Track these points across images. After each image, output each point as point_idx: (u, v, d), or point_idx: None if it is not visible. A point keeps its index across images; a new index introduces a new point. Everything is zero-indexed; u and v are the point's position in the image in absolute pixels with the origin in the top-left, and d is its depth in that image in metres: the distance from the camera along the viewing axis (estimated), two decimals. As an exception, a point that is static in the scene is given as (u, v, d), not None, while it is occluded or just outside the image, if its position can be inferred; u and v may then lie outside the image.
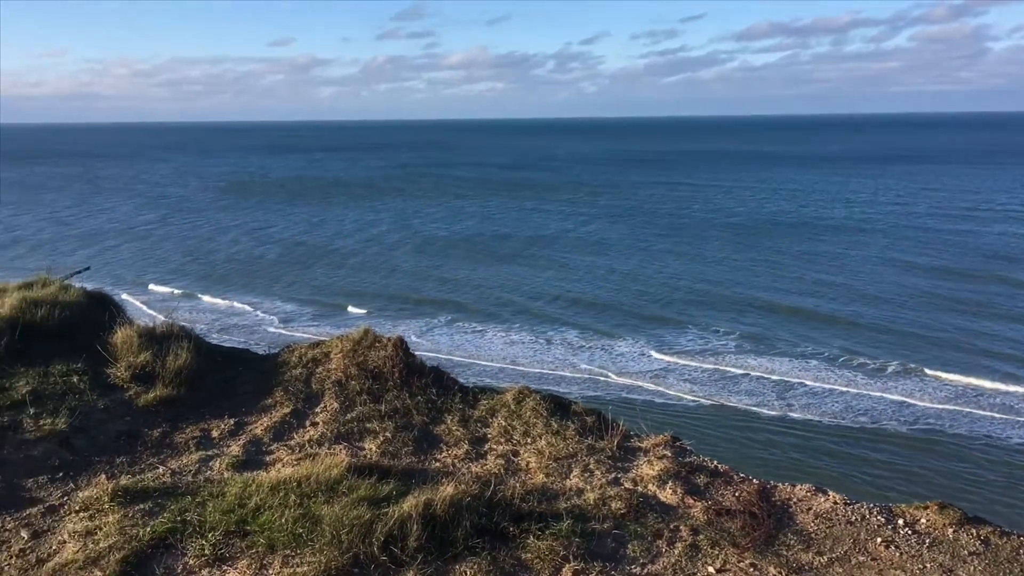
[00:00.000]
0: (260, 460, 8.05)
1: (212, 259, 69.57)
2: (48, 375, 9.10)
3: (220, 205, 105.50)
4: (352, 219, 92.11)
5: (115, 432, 8.52)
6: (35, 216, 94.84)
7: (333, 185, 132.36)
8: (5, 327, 9.54)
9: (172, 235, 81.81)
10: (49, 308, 9.98)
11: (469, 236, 79.53)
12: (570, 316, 50.19)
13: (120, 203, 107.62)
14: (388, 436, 8.35)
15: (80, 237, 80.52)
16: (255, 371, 9.91)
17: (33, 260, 64.85)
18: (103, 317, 10.35)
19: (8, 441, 8.13)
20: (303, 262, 67.46)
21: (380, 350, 9.38)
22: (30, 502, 7.33)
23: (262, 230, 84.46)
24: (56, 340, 9.74)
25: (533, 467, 7.69)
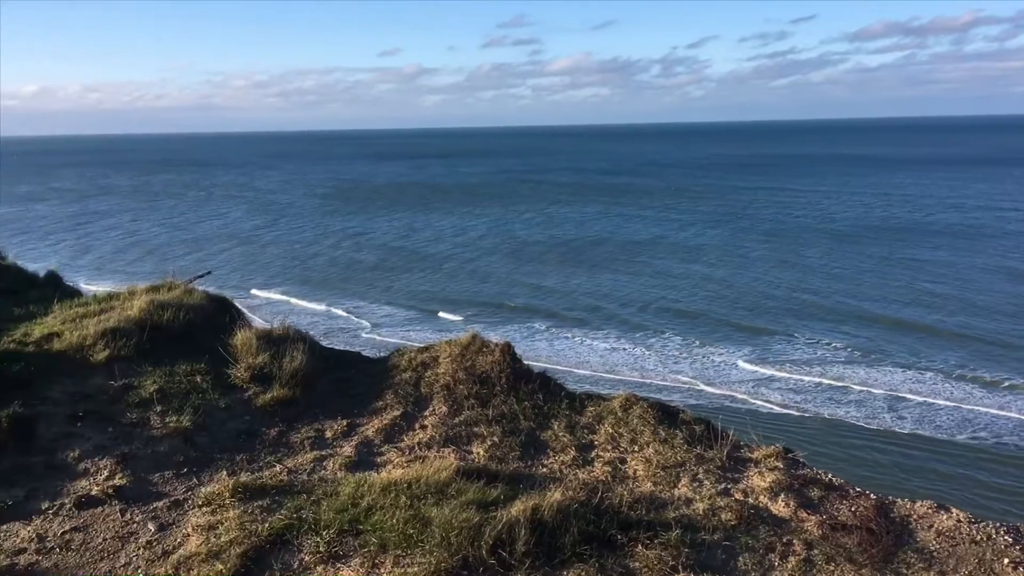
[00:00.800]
0: (371, 461, 8.24)
1: (312, 264, 71.36)
2: (173, 374, 9.53)
3: (324, 211, 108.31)
4: (449, 224, 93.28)
5: (235, 431, 8.87)
6: (152, 222, 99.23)
7: (433, 191, 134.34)
8: (134, 328, 10.05)
9: (275, 240, 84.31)
10: (175, 310, 10.47)
11: (564, 241, 79.45)
12: (665, 324, 49.58)
13: (230, 209, 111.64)
14: (495, 441, 8.44)
15: (190, 242, 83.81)
16: (366, 374, 10.16)
17: (147, 264, 67.91)
18: (224, 319, 10.79)
19: (137, 437, 8.56)
20: (399, 267, 68.59)
21: (488, 355, 9.49)
22: (156, 496, 7.69)
23: (361, 235, 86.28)
24: (181, 341, 10.20)
25: (641, 475, 7.65)
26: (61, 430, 8.63)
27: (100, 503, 7.53)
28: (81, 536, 7.04)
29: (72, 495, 7.63)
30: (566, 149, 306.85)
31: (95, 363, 9.64)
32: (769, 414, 35.16)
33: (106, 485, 7.72)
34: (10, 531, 7.15)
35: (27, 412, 8.63)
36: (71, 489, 7.76)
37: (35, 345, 9.93)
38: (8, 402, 8.70)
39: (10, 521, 7.29)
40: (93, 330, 9.96)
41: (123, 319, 10.20)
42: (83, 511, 7.42)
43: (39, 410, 8.80)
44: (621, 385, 36.13)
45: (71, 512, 7.39)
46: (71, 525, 7.19)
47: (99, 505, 7.51)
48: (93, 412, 8.92)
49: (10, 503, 7.51)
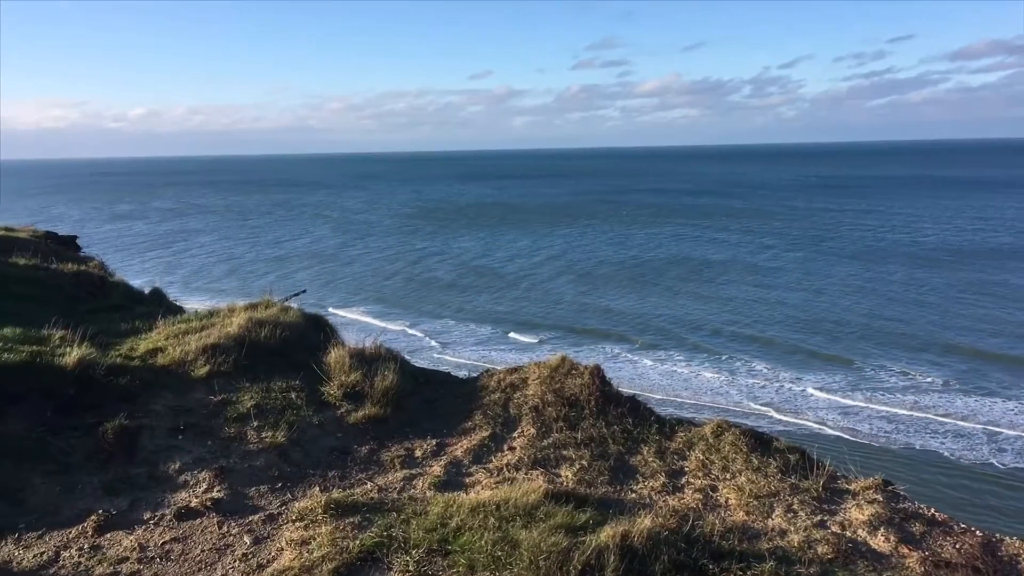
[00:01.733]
0: (460, 481, 8.28)
1: (388, 282, 72.22)
2: (270, 391, 9.78)
3: (405, 230, 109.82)
4: (525, 244, 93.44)
5: (328, 447, 9.04)
6: (240, 240, 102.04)
7: (513, 211, 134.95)
8: (233, 344, 10.36)
9: (355, 259, 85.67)
10: (271, 328, 10.76)
11: (639, 263, 78.72)
12: (740, 349, 48.55)
13: (315, 228, 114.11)
14: (584, 464, 8.40)
15: (273, 260, 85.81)
16: (455, 394, 10.24)
17: (232, 280, 69.77)
18: (318, 338, 11.04)
19: (234, 451, 8.80)
20: (473, 286, 68.88)
21: (577, 378, 9.47)
22: (252, 509, 7.88)
23: (439, 254, 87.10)
24: (277, 358, 10.47)
25: (733, 504, 7.51)
26: (163, 442, 8.93)
27: (199, 515, 7.75)
28: (180, 547, 7.26)
29: (173, 506, 7.88)
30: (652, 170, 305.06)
31: (196, 378, 9.97)
32: (858, 444, 34.09)
33: (205, 497, 7.95)
34: (114, 540, 7.41)
35: (132, 424, 8.97)
36: (172, 500, 8.01)
37: (140, 359, 10.32)
38: (115, 414, 9.06)
39: (114, 530, 7.56)
40: (195, 346, 10.31)
41: (223, 336, 10.53)
42: (183, 522, 7.65)
43: (143, 422, 9.12)
44: (695, 411, 35.57)
45: (171, 523, 7.63)
46: (171, 536, 7.42)
47: (198, 517, 7.73)
48: (193, 425, 9.21)
49: (114, 512, 7.80)
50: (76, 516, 7.78)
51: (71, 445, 8.84)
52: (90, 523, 7.58)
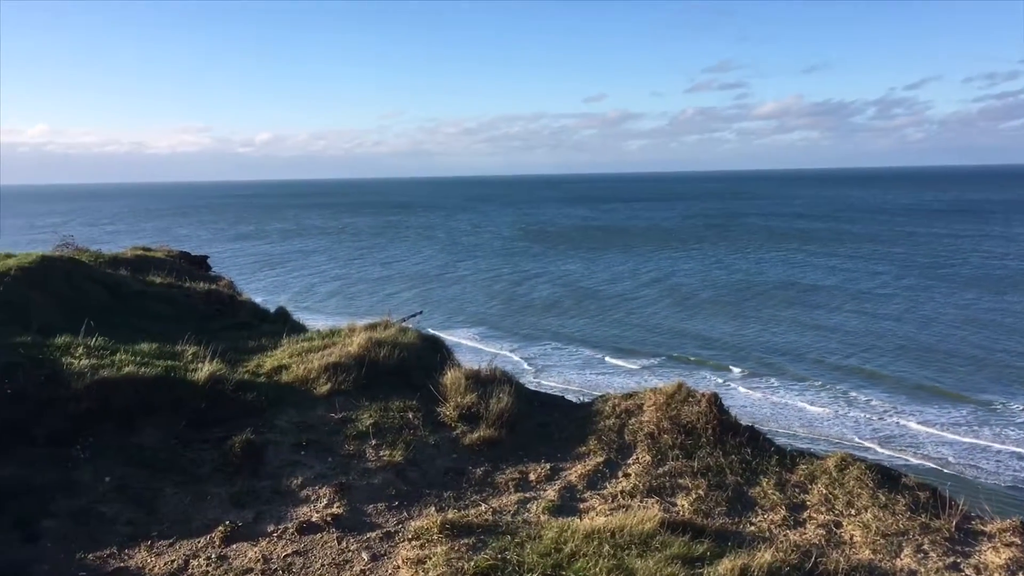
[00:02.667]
0: (574, 506, 8.25)
1: (488, 304, 72.34)
2: (388, 410, 9.98)
3: (510, 252, 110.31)
4: (627, 268, 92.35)
5: (443, 468, 9.16)
6: (346, 260, 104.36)
7: (619, 234, 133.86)
8: (353, 364, 10.64)
9: (458, 280, 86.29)
10: (390, 348, 11.00)
11: (743, 287, 76.55)
12: (847, 380, 46.44)
13: (422, 250, 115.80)
14: (701, 494, 8.25)
15: (375, 281, 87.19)
16: (569, 418, 10.23)
17: (337, 301, 71.38)
18: (435, 359, 11.22)
19: (353, 468, 9.01)
20: (572, 309, 68.26)
21: (693, 405, 9.33)
22: (370, 526, 8.04)
23: (538, 277, 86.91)
24: (395, 377, 10.68)
25: (858, 541, 7.24)
26: (287, 458, 9.22)
27: (319, 529, 7.96)
28: (302, 560, 7.45)
29: (295, 520, 8.11)
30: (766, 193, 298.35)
31: (318, 395, 10.27)
32: (984, 484, 32.23)
33: (325, 513, 8.16)
34: (239, 551, 7.68)
35: (258, 439, 9.30)
36: (294, 514, 8.24)
37: (266, 376, 10.71)
38: (242, 428, 9.42)
39: (240, 541, 7.83)
40: (317, 364, 10.64)
41: (344, 355, 10.82)
42: (304, 536, 7.86)
43: (268, 437, 9.45)
44: (791, 441, 34.25)
45: (293, 536, 7.85)
46: (293, 549, 7.63)
47: (318, 531, 7.93)
48: (315, 442, 9.48)
49: (240, 524, 8.08)
50: (205, 526, 8.10)
51: (201, 457, 9.22)
52: (217, 533, 7.87)
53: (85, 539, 7.89)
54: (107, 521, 8.18)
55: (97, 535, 7.96)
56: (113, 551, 7.72)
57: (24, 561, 7.56)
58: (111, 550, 7.73)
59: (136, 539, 7.91)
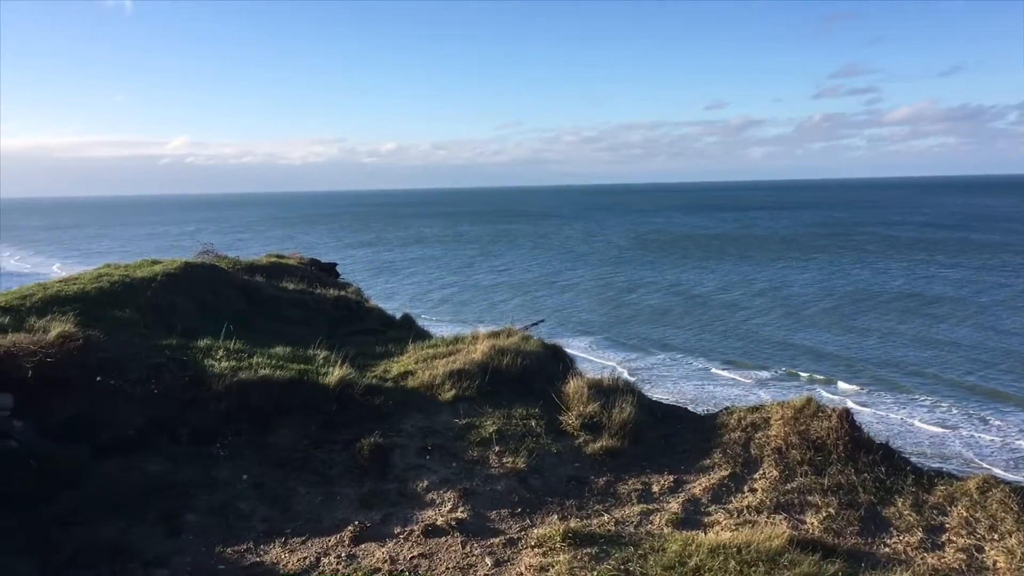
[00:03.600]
0: (697, 520, 8.14)
1: (595, 312, 71.26)
2: (511, 417, 10.09)
3: (620, 260, 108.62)
4: (739, 276, 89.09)
5: (565, 476, 9.18)
6: (460, 268, 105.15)
7: (734, 242, 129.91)
8: (477, 371, 10.80)
9: (566, 288, 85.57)
10: (513, 356, 11.12)
11: (859, 298, 72.34)
12: (967, 399, 43.64)
13: (539, 257, 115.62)
14: (831, 512, 7.99)
15: (490, 288, 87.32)
16: (693, 430, 10.09)
17: (449, 307, 72.01)
18: (557, 367, 11.28)
19: (477, 474, 9.14)
20: (679, 318, 66.11)
21: (823, 420, 9.04)
22: (493, 532, 8.13)
23: (647, 285, 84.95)
24: (517, 385, 10.79)
25: (1001, 567, 6.88)
26: (412, 461, 9.43)
27: (444, 533, 8.10)
28: (427, 563, 7.60)
29: (420, 523, 8.28)
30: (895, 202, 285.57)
31: (442, 401, 10.47)
32: None
33: (450, 517, 8.30)
34: (367, 550, 7.90)
35: (385, 442, 9.56)
36: (420, 517, 8.42)
37: (393, 381, 10.99)
38: (370, 432, 9.70)
39: (368, 541, 8.06)
40: (442, 371, 10.85)
41: (468, 362, 11.00)
42: (429, 539, 8.02)
43: (395, 441, 9.69)
44: (932, 464, 32.26)
45: (419, 539, 8.02)
46: (419, 551, 7.80)
47: (443, 535, 8.08)
48: (440, 447, 9.66)
49: (368, 525, 8.31)
50: (335, 525, 8.37)
51: (331, 458, 9.54)
52: (347, 533, 8.12)
53: (224, 534, 8.28)
54: (244, 517, 8.55)
55: (235, 530, 8.33)
56: (250, 546, 8.06)
57: (168, 553, 7.98)
58: (248, 545, 8.07)
59: (271, 535, 8.24)
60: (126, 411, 9.85)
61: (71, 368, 9.93)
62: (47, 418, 9.61)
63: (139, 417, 9.83)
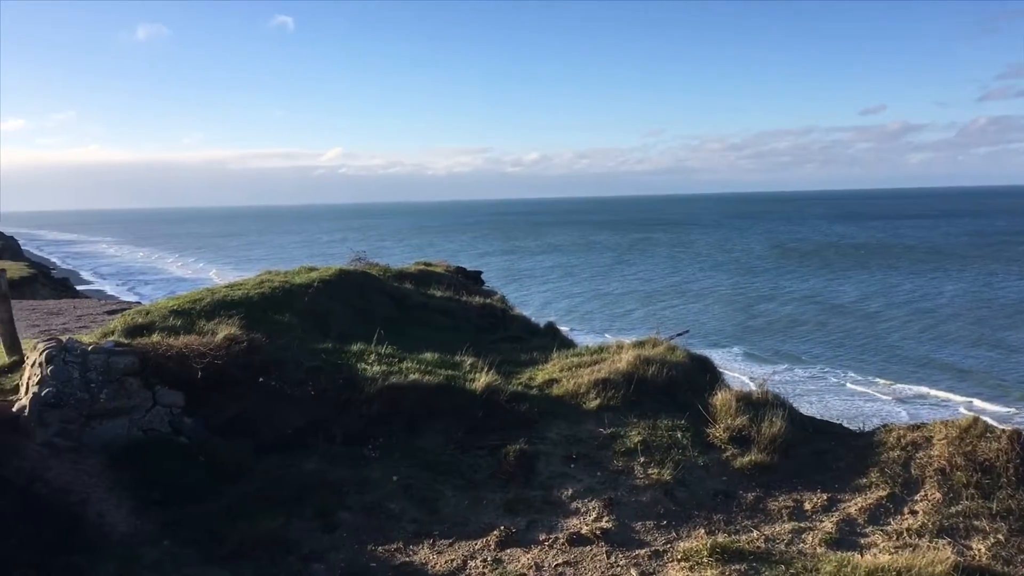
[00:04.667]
0: (853, 541, 7.82)
1: (729, 321, 68.90)
2: (656, 428, 9.98)
3: (758, 269, 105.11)
4: (881, 287, 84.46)
5: (712, 490, 9.01)
6: (590, 276, 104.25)
7: (880, 252, 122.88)
8: (622, 380, 10.75)
9: (702, 297, 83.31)
10: (658, 366, 11.00)
11: (1012, 312, 67.64)
12: None
13: (679, 265, 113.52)
14: (1000, 539, 7.52)
15: (620, 296, 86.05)
16: (848, 447, 9.69)
17: (583, 316, 71.45)
18: (704, 379, 11.08)
19: (622, 484, 9.09)
20: (817, 330, 63.30)
21: (992, 442, 8.51)
22: (638, 543, 8.07)
23: (780, 295, 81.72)
24: (663, 396, 10.66)
25: None
26: (557, 469, 9.47)
27: (589, 542, 8.10)
28: (572, 571, 7.62)
29: (565, 531, 8.31)
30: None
31: (587, 410, 10.47)
32: None
33: (594, 526, 8.29)
34: (513, 556, 7.99)
35: (530, 449, 9.65)
36: (564, 525, 8.45)
37: (538, 389, 11.08)
38: (515, 438, 9.81)
39: (513, 547, 8.14)
40: (587, 379, 10.85)
41: (612, 371, 10.96)
42: (574, 547, 8.03)
43: (540, 448, 9.76)
44: None
45: (564, 547, 8.04)
46: (563, 559, 7.82)
47: (588, 544, 8.07)
48: (584, 456, 9.67)
49: (514, 530, 8.40)
50: (481, 529, 8.50)
51: (477, 463, 9.71)
52: (493, 537, 8.23)
53: (375, 532, 8.55)
54: (394, 517, 8.81)
55: (385, 530, 8.59)
56: (399, 546, 8.30)
57: (323, 549, 8.32)
58: (398, 545, 8.31)
59: (420, 536, 8.45)
60: (285, 411, 10.33)
61: (236, 369, 10.50)
62: (214, 416, 10.20)
63: (297, 417, 10.29)
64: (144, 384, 9.98)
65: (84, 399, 9.63)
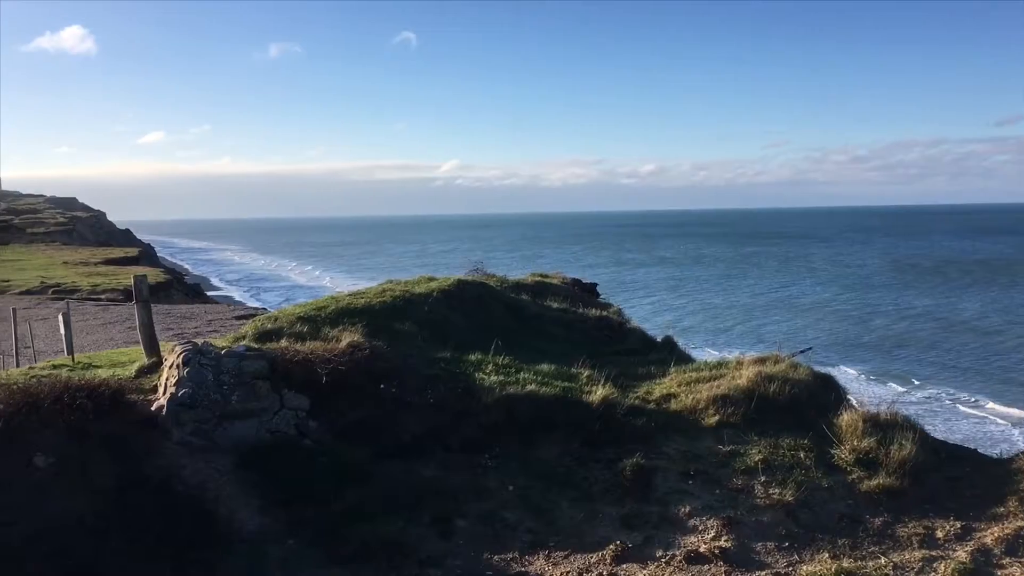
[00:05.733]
0: (989, 572, 7.43)
1: (838, 336, 66.01)
2: (778, 447, 9.71)
3: (872, 284, 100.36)
4: (1003, 303, 79.46)
5: (836, 513, 8.71)
6: (703, 289, 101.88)
7: (1005, 267, 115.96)
8: (742, 397, 10.52)
9: (811, 310, 79.96)
10: (780, 383, 10.70)
11: None
12: None
13: (795, 280, 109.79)
14: None
15: (729, 309, 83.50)
16: (984, 474, 9.23)
17: (689, 329, 69.67)
18: (828, 398, 10.72)
19: (741, 503, 8.90)
20: (931, 349, 59.91)
21: None
22: (759, 564, 7.89)
23: (896, 310, 77.35)
24: (785, 414, 10.36)
25: None
26: (674, 485, 9.34)
27: (707, 561, 7.96)
28: (692, 588, 7.51)
29: (683, 548, 8.19)
30: None
31: (705, 426, 10.28)
32: None
33: (713, 545, 8.14)
34: (629, 571, 7.94)
35: (648, 464, 9.55)
36: (682, 542, 8.33)
37: (655, 403, 10.95)
38: (631, 452, 9.73)
39: (629, 562, 8.09)
40: (705, 395, 10.66)
41: (732, 387, 10.74)
42: (692, 565, 7.91)
43: (657, 464, 9.65)
44: None
45: (681, 564, 7.94)
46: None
47: (706, 563, 7.94)
48: (702, 472, 9.50)
49: (630, 545, 8.33)
50: (596, 543, 8.47)
51: (593, 476, 9.66)
52: (608, 552, 8.19)
53: (491, 541, 8.63)
54: (510, 527, 8.87)
55: (501, 538, 8.66)
56: (515, 555, 8.35)
57: (440, 555, 8.44)
58: (513, 554, 8.37)
59: (535, 547, 8.48)
60: (404, 418, 10.53)
61: (359, 376, 10.77)
62: (336, 421, 10.49)
63: (416, 424, 10.48)
64: (272, 387, 10.35)
65: (217, 400, 10.05)
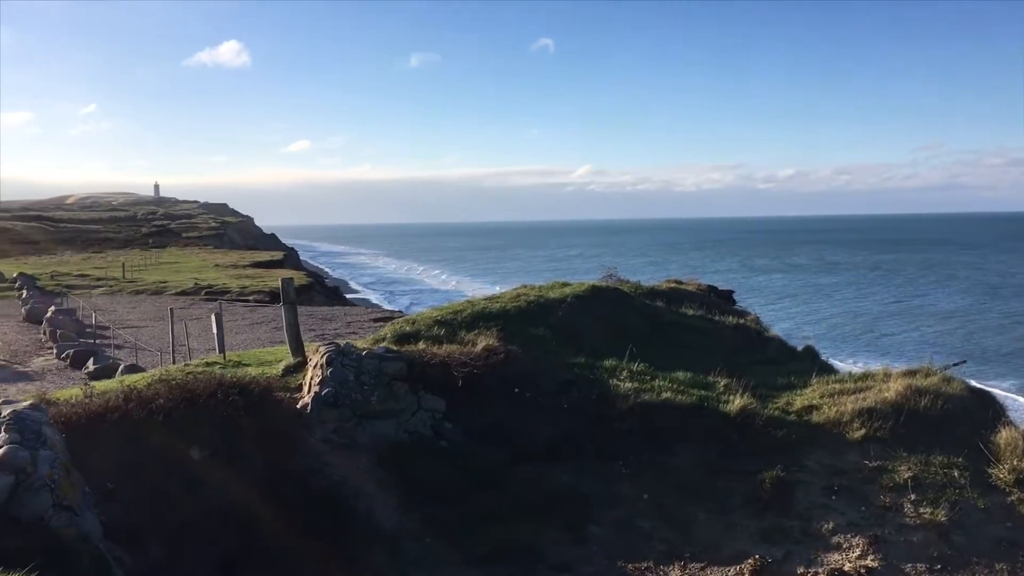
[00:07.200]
0: None
1: (992, 350, 61.61)
2: (928, 464, 9.22)
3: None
4: None
5: (995, 536, 8.22)
6: (862, 300, 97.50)
7: None
8: (890, 410, 10.05)
9: (970, 322, 75.18)
10: (932, 398, 10.17)
11: None
12: None
13: (935, 289, 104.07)
14: None
15: (875, 319, 79.41)
16: None
17: (832, 338, 66.73)
18: (985, 415, 10.12)
19: (889, 522, 8.51)
20: None
21: None
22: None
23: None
24: (936, 430, 9.82)
25: None
26: (816, 500, 9.02)
27: (854, 580, 7.66)
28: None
29: (826, 566, 7.92)
30: None
31: (850, 440, 9.86)
32: None
33: (858, 563, 7.84)
34: (769, 586, 7.71)
35: (788, 477, 9.26)
36: (825, 560, 8.05)
37: (796, 415, 10.60)
38: (771, 464, 9.46)
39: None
40: (850, 408, 10.23)
41: (879, 400, 10.27)
42: (834, 584, 7.63)
43: (798, 477, 9.34)
44: None
45: (825, 582, 7.66)
46: (821, 595, 7.45)
47: (851, 582, 7.64)
48: (846, 488, 9.14)
49: (769, 560, 8.11)
50: (734, 556, 8.28)
51: (731, 487, 9.45)
52: (747, 566, 8.00)
53: (625, 549, 8.56)
54: (644, 535, 8.78)
55: (635, 547, 8.58)
56: (649, 565, 8.26)
57: (573, 561, 8.45)
58: (648, 564, 8.28)
59: (670, 557, 8.37)
60: (538, 422, 10.58)
61: (494, 379, 10.91)
62: (472, 423, 10.65)
63: (550, 429, 10.51)
64: (410, 389, 10.61)
65: (358, 400, 10.38)
